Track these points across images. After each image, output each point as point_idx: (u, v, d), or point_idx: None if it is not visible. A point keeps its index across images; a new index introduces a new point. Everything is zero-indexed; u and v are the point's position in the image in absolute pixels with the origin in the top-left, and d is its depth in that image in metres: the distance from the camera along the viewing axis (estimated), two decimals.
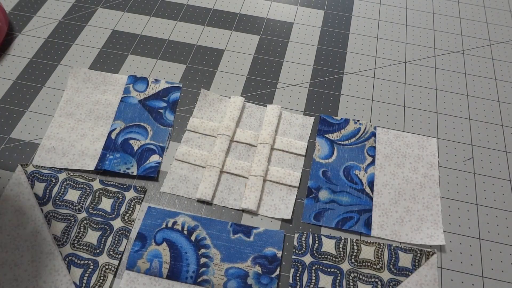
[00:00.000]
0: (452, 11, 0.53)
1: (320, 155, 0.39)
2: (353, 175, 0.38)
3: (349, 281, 0.32)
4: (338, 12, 0.52)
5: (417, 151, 0.39)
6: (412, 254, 0.33)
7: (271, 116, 0.41)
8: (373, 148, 0.39)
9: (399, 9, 0.53)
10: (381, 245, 0.34)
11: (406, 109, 0.43)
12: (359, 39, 0.49)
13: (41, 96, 0.42)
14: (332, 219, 0.35)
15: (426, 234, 0.34)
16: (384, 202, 0.36)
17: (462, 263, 0.33)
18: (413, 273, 0.33)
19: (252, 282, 0.32)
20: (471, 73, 0.46)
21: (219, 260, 0.33)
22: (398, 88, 0.45)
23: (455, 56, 0.48)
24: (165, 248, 0.33)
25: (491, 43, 0.49)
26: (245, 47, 0.47)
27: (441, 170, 0.39)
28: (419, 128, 0.41)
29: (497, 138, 0.41)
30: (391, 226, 0.35)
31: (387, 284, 0.32)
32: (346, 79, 0.45)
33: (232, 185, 0.37)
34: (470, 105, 0.44)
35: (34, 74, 0.44)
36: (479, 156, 0.40)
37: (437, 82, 0.45)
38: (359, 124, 0.41)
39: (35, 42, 0.47)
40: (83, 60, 0.46)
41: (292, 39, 0.49)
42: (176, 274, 0.32)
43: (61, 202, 0.35)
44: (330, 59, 0.47)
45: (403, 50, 0.48)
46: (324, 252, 0.33)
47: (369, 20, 0.51)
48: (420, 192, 0.37)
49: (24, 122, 0.40)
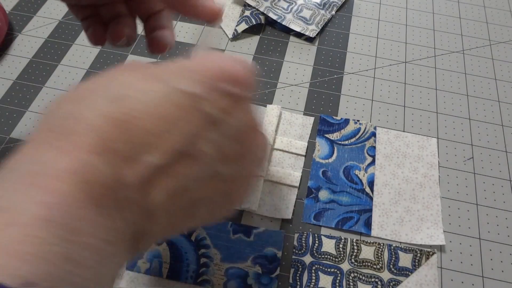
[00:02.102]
0: (452, 11, 0.53)
1: (320, 155, 0.39)
2: (353, 175, 0.38)
3: (349, 281, 0.32)
4: (338, 12, 0.52)
5: (417, 151, 0.39)
6: (412, 254, 0.33)
7: (271, 116, 0.40)
8: (373, 148, 0.39)
9: (399, 9, 0.53)
10: (381, 245, 0.34)
11: (406, 109, 0.43)
12: (359, 39, 0.49)
13: (41, 96, 0.42)
14: (332, 219, 0.35)
15: (426, 234, 0.34)
16: (384, 202, 0.36)
17: (462, 263, 0.33)
18: (413, 273, 0.33)
19: (252, 282, 0.32)
20: (471, 73, 0.46)
21: (219, 260, 0.33)
22: (398, 88, 0.45)
23: (455, 56, 0.48)
24: (165, 248, 0.33)
25: (491, 43, 0.49)
26: (245, 47, 0.47)
27: (441, 170, 0.39)
28: (419, 128, 0.41)
29: (497, 138, 0.41)
30: (391, 226, 0.35)
31: (387, 284, 0.32)
32: (346, 79, 0.45)
33: None
34: (470, 105, 0.44)
35: (34, 74, 0.44)
36: (479, 156, 0.40)
37: (437, 82, 0.45)
38: (359, 124, 0.41)
39: (35, 42, 0.47)
40: (83, 60, 0.46)
41: (292, 39, 0.49)
42: (176, 274, 0.32)
43: None
44: (330, 59, 0.47)
45: (403, 50, 0.48)
46: (324, 252, 0.33)
47: (369, 20, 0.51)
48: (420, 192, 0.37)
49: (24, 122, 0.40)
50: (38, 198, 0.15)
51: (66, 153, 0.17)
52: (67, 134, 0.17)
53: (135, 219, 0.19)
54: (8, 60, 0.45)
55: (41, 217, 0.15)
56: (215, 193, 0.22)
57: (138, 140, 0.18)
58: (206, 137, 0.19)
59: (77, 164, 0.17)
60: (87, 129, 0.17)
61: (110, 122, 0.18)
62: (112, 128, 0.18)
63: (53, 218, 0.15)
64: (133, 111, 0.18)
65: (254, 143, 0.23)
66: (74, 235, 0.16)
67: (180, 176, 0.19)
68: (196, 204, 0.21)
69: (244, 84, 0.21)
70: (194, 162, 0.19)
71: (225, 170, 0.21)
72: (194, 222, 0.22)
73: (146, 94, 0.19)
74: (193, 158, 0.19)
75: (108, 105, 0.18)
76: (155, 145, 0.18)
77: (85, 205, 0.16)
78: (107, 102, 0.18)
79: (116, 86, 0.19)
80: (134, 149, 0.18)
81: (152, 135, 0.18)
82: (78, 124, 0.18)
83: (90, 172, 0.17)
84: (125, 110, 0.18)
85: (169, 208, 0.19)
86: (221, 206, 0.23)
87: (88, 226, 0.16)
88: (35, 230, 0.15)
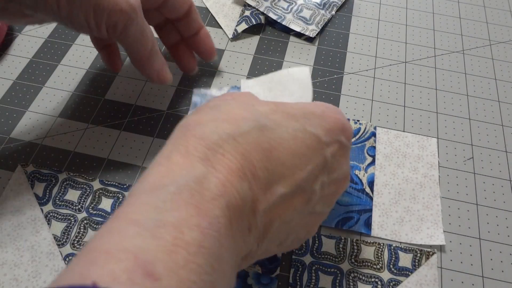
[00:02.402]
0: (452, 11, 0.53)
1: None
2: (353, 175, 0.38)
3: (349, 281, 0.32)
4: (338, 12, 0.52)
5: (417, 151, 0.39)
6: (412, 254, 0.33)
7: None
8: (373, 148, 0.39)
9: (399, 9, 0.53)
10: (381, 245, 0.34)
11: (406, 109, 0.43)
12: (359, 39, 0.49)
13: (41, 96, 0.42)
14: (332, 219, 0.35)
15: (426, 234, 0.34)
16: (384, 202, 0.36)
17: (462, 263, 0.33)
18: (413, 273, 0.33)
19: (252, 282, 0.32)
20: (471, 73, 0.46)
21: None
22: (398, 88, 0.45)
23: (455, 56, 0.48)
24: None
25: (491, 43, 0.49)
26: (245, 47, 0.47)
27: (441, 170, 0.39)
28: (419, 128, 0.41)
29: (497, 138, 0.41)
30: (391, 226, 0.35)
31: (387, 284, 0.32)
32: (346, 79, 0.45)
33: None
34: (470, 105, 0.44)
35: (34, 74, 0.44)
36: (479, 156, 0.40)
37: (437, 82, 0.45)
38: (359, 124, 0.41)
39: (35, 42, 0.47)
40: (83, 60, 0.46)
41: (292, 39, 0.49)
42: None
43: (61, 202, 0.35)
44: (330, 59, 0.47)
45: (403, 50, 0.48)
46: (324, 252, 0.33)
47: (369, 20, 0.51)
48: (420, 192, 0.37)
49: (24, 122, 0.40)
50: (194, 221, 0.16)
51: (218, 172, 0.18)
52: (216, 148, 0.18)
53: (253, 243, 0.20)
54: (8, 60, 0.45)
55: (198, 243, 0.15)
56: (305, 226, 0.24)
57: (275, 170, 0.19)
58: (320, 178, 0.22)
59: (226, 186, 0.17)
60: (236, 150, 0.18)
61: (258, 149, 0.19)
62: (258, 155, 0.19)
63: (207, 245, 0.15)
64: (276, 143, 0.20)
65: (344, 188, 0.26)
66: (218, 263, 0.16)
67: (293, 208, 0.21)
68: (289, 234, 0.23)
69: (351, 137, 0.24)
70: (305, 198, 0.21)
71: (320, 208, 0.24)
72: (280, 249, 0.24)
73: (286, 130, 0.20)
74: (305, 194, 0.21)
75: (258, 133, 0.19)
76: (286, 177, 0.20)
77: (226, 231, 0.17)
78: (257, 130, 0.20)
79: (262, 117, 0.21)
80: (271, 178, 0.19)
81: (286, 168, 0.20)
82: (228, 142, 0.19)
83: (234, 196, 0.17)
84: (271, 141, 0.20)
85: (274, 234, 0.21)
86: (304, 237, 0.26)
87: (227, 253, 0.17)
88: (195, 256, 0.15)
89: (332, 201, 0.25)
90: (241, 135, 0.19)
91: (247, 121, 0.20)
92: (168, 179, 0.17)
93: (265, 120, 0.20)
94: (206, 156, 0.18)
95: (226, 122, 0.19)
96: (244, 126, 0.19)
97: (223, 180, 0.17)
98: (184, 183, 0.16)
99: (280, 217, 0.20)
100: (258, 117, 0.20)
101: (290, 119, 0.21)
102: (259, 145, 0.19)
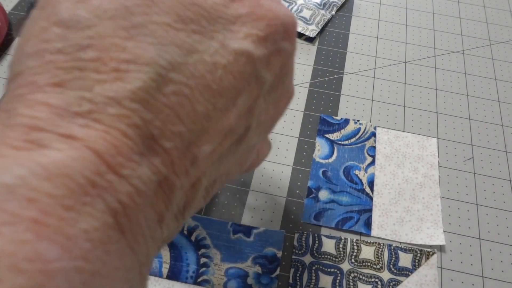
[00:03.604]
0: (452, 11, 0.53)
1: (320, 155, 0.39)
2: (353, 175, 0.38)
3: (349, 281, 0.32)
4: (338, 12, 0.52)
5: (417, 151, 0.39)
6: (412, 254, 0.33)
7: None
8: (373, 148, 0.39)
9: (399, 9, 0.53)
10: (381, 245, 0.34)
11: (406, 109, 0.43)
12: (359, 39, 0.49)
13: None
14: (332, 219, 0.35)
15: (426, 234, 0.34)
16: (384, 202, 0.36)
17: (462, 263, 0.33)
18: (413, 273, 0.33)
19: (252, 282, 0.32)
20: (471, 73, 0.46)
21: (219, 260, 0.33)
22: (398, 88, 0.45)
23: (455, 56, 0.48)
24: (165, 248, 0.33)
25: (491, 43, 0.49)
26: None
27: (441, 170, 0.39)
28: (419, 128, 0.41)
29: (497, 138, 0.41)
30: (391, 226, 0.35)
31: (387, 284, 0.32)
32: (346, 79, 0.45)
33: None
34: (470, 105, 0.44)
35: None
36: (479, 156, 0.40)
37: (437, 82, 0.45)
38: (359, 124, 0.41)
39: None
40: None
41: None
42: (176, 274, 0.32)
43: None
44: (330, 59, 0.47)
45: (403, 50, 0.48)
46: (324, 252, 0.33)
47: (369, 20, 0.51)
48: (420, 192, 0.37)
49: None
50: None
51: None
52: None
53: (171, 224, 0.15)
54: (8, 60, 0.45)
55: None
56: (237, 164, 0.19)
57: (191, 129, 0.14)
58: (256, 109, 0.16)
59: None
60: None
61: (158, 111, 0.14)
62: (159, 121, 0.14)
63: None
64: (187, 89, 0.14)
65: (286, 106, 0.20)
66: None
67: (221, 155, 0.16)
68: (216, 182, 0.18)
69: (295, 36, 0.17)
70: (236, 139, 0.16)
71: (255, 140, 0.18)
72: (206, 200, 0.19)
73: (201, 58, 0.14)
74: (235, 135, 0.16)
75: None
76: (209, 129, 0.15)
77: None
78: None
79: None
80: (187, 140, 0.14)
81: (205, 118, 0.14)
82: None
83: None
84: (176, 89, 0.14)
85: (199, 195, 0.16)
86: (238, 173, 0.20)
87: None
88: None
89: (270, 126, 0.19)
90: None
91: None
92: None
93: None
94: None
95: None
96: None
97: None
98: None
99: (205, 175, 0.15)
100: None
101: (203, 35, 0.13)
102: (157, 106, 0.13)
